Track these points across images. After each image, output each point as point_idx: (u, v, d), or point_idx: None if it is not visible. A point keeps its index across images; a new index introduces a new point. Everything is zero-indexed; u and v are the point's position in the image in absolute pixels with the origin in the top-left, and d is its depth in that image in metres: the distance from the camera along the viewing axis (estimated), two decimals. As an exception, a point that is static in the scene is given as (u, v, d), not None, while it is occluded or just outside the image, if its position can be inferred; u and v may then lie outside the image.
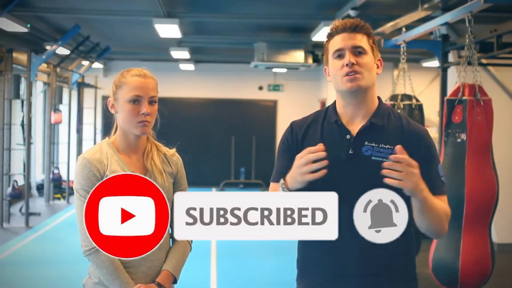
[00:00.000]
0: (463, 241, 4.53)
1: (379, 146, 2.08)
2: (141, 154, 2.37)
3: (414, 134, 2.12)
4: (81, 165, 2.28)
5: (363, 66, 2.08)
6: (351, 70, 2.07)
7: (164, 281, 2.32)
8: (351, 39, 2.10)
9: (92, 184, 2.25)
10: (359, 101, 2.13)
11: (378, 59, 2.17)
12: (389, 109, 2.21)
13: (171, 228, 2.44)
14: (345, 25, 2.12)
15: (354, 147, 2.10)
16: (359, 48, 2.09)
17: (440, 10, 6.33)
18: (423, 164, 2.05)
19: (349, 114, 2.16)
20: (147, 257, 2.30)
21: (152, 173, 2.34)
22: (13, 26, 8.11)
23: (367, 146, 2.09)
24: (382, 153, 2.07)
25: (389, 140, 2.09)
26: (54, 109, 11.17)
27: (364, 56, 2.09)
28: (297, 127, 2.22)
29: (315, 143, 2.06)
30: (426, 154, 2.10)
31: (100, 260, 2.23)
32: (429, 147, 2.13)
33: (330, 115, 2.18)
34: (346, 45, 2.09)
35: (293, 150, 2.17)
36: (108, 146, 2.34)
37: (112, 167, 2.29)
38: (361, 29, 2.12)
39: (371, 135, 2.11)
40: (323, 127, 2.18)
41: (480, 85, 4.63)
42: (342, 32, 2.11)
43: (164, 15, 7.89)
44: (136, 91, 2.27)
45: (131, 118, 2.28)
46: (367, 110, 2.15)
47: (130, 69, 2.34)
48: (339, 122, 2.15)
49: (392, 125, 2.14)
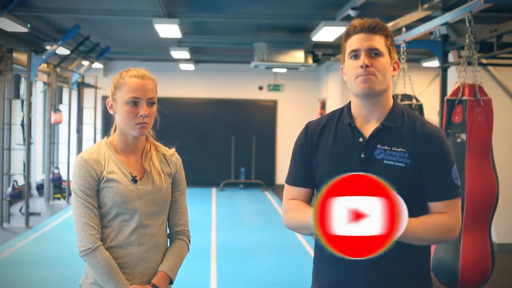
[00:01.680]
0: (463, 241, 4.52)
1: (392, 149, 2.06)
2: (139, 154, 2.37)
3: (426, 135, 2.07)
4: (79, 165, 2.27)
5: (378, 69, 2.04)
6: (365, 72, 2.03)
7: (160, 282, 2.31)
8: (367, 40, 2.05)
9: (89, 185, 2.25)
10: (372, 103, 2.10)
11: (395, 62, 2.13)
12: (404, 109, 2.16)
13: (169, 228, 2.45)
14: (363, 25, 2.07)
15: (366, 150, 2.07)
16: (375, 50, 2.05)
17: (440, 10, 6.33)
18: (434, 166, 2.04)
19: (363, 116, 2.12)
20: (143, 257, 2.30)
21: (150, 174, 2.33)
22: (13, 26, 8.11)
23: (380, 149, 2.06)
24: (394, 157, 2.05)
25: (401, 142, 2.06)
26: (54, 109, 11.17)
27: (380, 58, 2.05)
28: (312, 128, 2.20)
29: (328, 145, 2.09)
30: (436, 156, 2.05)
31: (95, 261, 2.22)
32: (440, 148, 2.07)
33: (345, 117, 2.15)
34: (362, 46, 2.05)
35: (308, 152, 2.16)
36: (106, 146, 2.33)
37: (110, 167, 2.28)
38: (379, 30, 2.07)
39: (383, 138, 2.08)
40: (337, 128, 2.15)
41: (480, 85, 4.63)
42: (360, 32, 2.07)
43: (164, 15, 7.89)
44: (134, 93, 2.26)
45: (129, 119, 2.27)
46: (381, 112, 2.11)
47: (129, 69, 2.33)
48: (352, 125, 2.12)
49: (405, 127, 2.09)
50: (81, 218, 2.24)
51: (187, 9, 8.20)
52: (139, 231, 2.29)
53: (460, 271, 4.53)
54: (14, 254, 7.20)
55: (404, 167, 2.03)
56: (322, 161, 2.13)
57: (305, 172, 2.17)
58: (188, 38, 10.33)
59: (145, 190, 2.30)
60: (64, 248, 7.48)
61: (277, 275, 6.45)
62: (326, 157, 2.12)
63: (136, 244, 2.29)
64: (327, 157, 2.12)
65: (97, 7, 8.13)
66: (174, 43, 10.87)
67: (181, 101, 14.69)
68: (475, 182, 4.52)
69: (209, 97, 14.85)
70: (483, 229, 4.59)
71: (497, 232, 7.56)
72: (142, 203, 2.29)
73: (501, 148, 6.67)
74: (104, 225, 2.28)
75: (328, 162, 2.11)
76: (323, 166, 2.12)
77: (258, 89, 14.98)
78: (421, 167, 2.04)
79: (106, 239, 2.27)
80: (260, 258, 7.29)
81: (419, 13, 6.48)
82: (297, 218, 2.12)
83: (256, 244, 8.04)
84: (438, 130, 2.11)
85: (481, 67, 6.39)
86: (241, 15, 8.53)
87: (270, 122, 15.04)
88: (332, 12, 7.76)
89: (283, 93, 15.02)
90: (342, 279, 2.08)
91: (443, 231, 2.04)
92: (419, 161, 2.04)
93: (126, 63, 12.74)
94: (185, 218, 2.45)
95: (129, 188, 2.28)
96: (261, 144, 14.78)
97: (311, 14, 8.21)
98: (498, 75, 7.74)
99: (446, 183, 2.05)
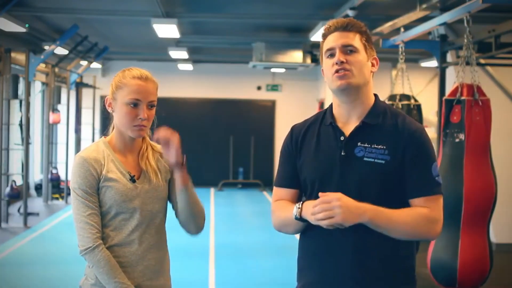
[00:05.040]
0: (461, 241, 4.53)
1: (372, 147, 2.07)
2: (136, 154, 2.36)
3: (407, 132, 2.08)
4: (78, 164, 2.27)
5: (353, 64, 2.07)
6: (340, 68, 2.07)
7: None
8: (342, 37, 2.10)
9: (89, 183, 2.24)
10: (351, 100, 2.12)
11: (373, 58, 2.16)
12: (386, 107, 2.17)
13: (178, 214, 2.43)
14: (337, 24, 2.12)
15: (346, 148, 2.09)
16: (349, 46, 2.09)
17: (438, 10, 6.33)
18: (414, 162, 2.05)
19: (344, 114, 2.15)
20: (144, 256, 2.30)
21: (147, 173, 2.33)
22: (11, 26, 8.11)
23: (360, 147, 2.08)
24: (374, 154, 2.06)
25: (382, 139, 2.08)
26: (52, 109, 11.16)
27: (355, 55, 2.09)
28: (296, 130, 2.24)
29: (312, 146, 2.14)
30: (417, 152, 2.06)
31: (96, 260, 2.22)
32: (421, 145, 2.08)
33: (327, 117, 2.18)
34: (337, 44, 2.09)
35: (293, 154, 2.20)
36: (105, 145, 2.33)
37: (109, 166, 2.28)
38: (352, 27, 2.11)
39: (364, 135, 2.09)
40: (320, 129, 2.18)
41: (479, 85, 4.63)
42: (334, 31, 2.12)
43: (162, 15, 7.88)
44: (135, 95, 2.24)
45: (127, 121, 2.26)
46: (361, 109, 2.13)
47: (131, 68, 2.31)
48: (334, 124, 2.14)
49: (386, 124, 2.11)
50: (81, 217, 2.24)
51: (185, 9, 8.20)
52: (139, 230, 2.29)
53: (458, 271, 4.53)
54: (12, 254, 7.19)
55: (384, 163, 2.05)
56: (306, 162, 2.16)
57: (290, 173, 2.21)
58: (186, 38, 10.33)
59: (143, 189, 2.31)
60: (62, 248, 7.47)
61: (275, 275, 6.45)
62: (310, 157, 2.15)
63: (136, 243, 2.29)
64: (311, 157, 2.15)
65: (95, 7, 8.13)
66: (173, 43, 10.87)
67: (179, 101, 14.69)
68: (473, 182, 4.52)
69: (207, 97, 14.85)
70: (481, 229, 4.59)
71: (495, 232, 7.57)
72: (141, 202, 2.29)
73: (499, 148, 6.67)
74: (104, 224, 2.28)
75: (311, 162, 2.14)
76: (307, 166, 2.15)
77: (256, 89, 14.98)
78: (401, 163, 2.05)
79: (107, 238, 2.27)
80: (258, 258, 7.29)
81: (418, 13, 6.48)
82: (282, 215, 2.16)
83: (254, 244, 8.04)
84: (419, 127, 2.12)
85: (479, 67, 6.38)
86: (239, 15, 8.53)
87: (268, 122, 15.04)
88: (331, 12, 7.76)
89: (281, 93, 15.02)
90: (326, 275, 2.10)
91: (423, 224, 2.03)
92: (400, 157, 2.05)
93: (125, 63, 12.73)
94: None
95: (128, 187, 2.28)
96: (260, 144, 14.78)
97: (310, 14, 8.21)
98: (496, 75, 7.75)
99: (426, 179, 2.06)
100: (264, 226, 9.48)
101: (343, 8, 7.25)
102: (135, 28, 9.68)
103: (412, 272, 2.15)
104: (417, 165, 2.05)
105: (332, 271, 2.09)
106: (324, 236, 2.06)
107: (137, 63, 12.70)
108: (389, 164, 2.05)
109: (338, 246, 2.06)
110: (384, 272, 2.07)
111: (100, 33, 10.32)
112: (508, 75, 7.78)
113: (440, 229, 2.07)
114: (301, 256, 2.21)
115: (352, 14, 6.78)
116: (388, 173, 2.05)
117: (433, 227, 2.04)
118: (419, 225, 2.02)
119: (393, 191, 2.06)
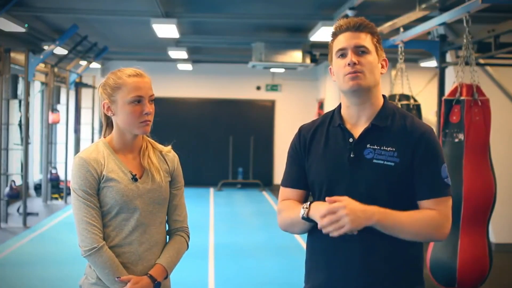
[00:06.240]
0: (460, 241, 4.53)
1: (381, 149, 2.06)
2: (137, 153, 2.37)
3: (416, 134, 2.07)
4: (78, 164, 2.27)
5: (365, 66, 2.06)
6: (352, 70, 2.05)
7: (157, 274, 2.31)
8: (354, 38, 2.07)
9: (90, 184, 2.25)
10: (362, 101, 2.11)
11: (383, 59, 2.15)
12: (395, 108, 2.16)
13: (168, 224, 2.45)
14: (348, 24, 2.09)
15: (356, 150, 2.08)
16: (362, 47, 2.07)
17: (438, 10, 6.34)
18: (423, 164, 2.04)
19: (353, 116, 2.13)
20: (144, 256, 2.31)
21: (150, 171, 2.33)
22: (11, 26, 8.10)
23: (369, 149, 2.07)
24: (384, 156, 2.05)
25: (391, 141, 2.07)
26: (52, 109, 11.15)
27: (367, 56, 2.07)
28: (305, 131, 2.22)
29: (320, 147, 2.12)
30: (426, 154, 2.05)
31: (100, 261, 2.22)
32: (430, 147, 2.06)
33: (335, 118, 2.17)
34: (349, 44, 2.07)
35: (301, 155, 2.19)
36: (104, 146, 2.33)
37: (109, 166, 2.28)
38: (364, 28, 2.09)
39: (373, 137, 2.08)
40: (328, 131, 2.16)
41: (478, 85, 4.63)
42: (346, 31, 2.09)
43: (162, 15, 7.88)
44: (137, 92, 2.26)
45: (133, 119, 2.27)
46: (370, 111, 2.12)
47: (121, 69, 2.32)
48: (342, 126, 2.13)
49: (395, 126, 2.10)
50: (83, 218, 2.24)
51: (185, 9, 8.20)
52: (139, 230, 2.30)
53: (457, 271, 4.53)
54: (11, 254, 7.19)
55: (394, 166, 2.04)
56: (314, 163, 2.14)
57: (298, 174, 2.19)
58: (186, 38, 10.33)
59: (145, 188, 2.31)
60: (62, 248, 7.47)
61: (275, 275, 6.45)
62: (318, 159, 2.14)
63: (136, 243, 2.29)
64: (319, 159, 2.13)
65: (95, 7, 8.13)
66: (172, 43, 10.87)
67: (178, 101, 14.69)
68: (473, 182, 4.52)
69: (207, 97, 14.84)
70: (481, 229, 4.59)
71: (495, 232, 7.57)
72: (142, 202, 2.30)
73: (498, 148, 6.68)
74: (104, 224, 2.28)
75: (319, 164, 2.13)
76: (315, 168, 2.14)
77: (256, 89, 14.98)
78: (410, 165, 2.04)
79: (107, 238, 2.27)
80: (258, 258, 7.29)
81: (417, 13, 6.48)
82: (289, 215, 2.14)
83: (254, 244, 8.04)
84: (428, 128, 2.11)
85: (479, 67, 6.38)
86: (239, 15, 8.53)
87: (268, 122, 15.04)
88: (330, 12, 7.76)
89: (281, 93, 15.02)
90: (334, 278, 2.09)
91: (431, 226, 2.03)
92: (409, 159, 2.04)
93: (124, 63, 12.72)
94: (184, 214, 2.45)
95: (129, 187, 2.28)
96: (259, 144, 14.78)
97: (309, 14, 8.21)
98: (496, 75, 7.75)
99: (435, 181, 2.05)
100: (264, 226, 9.48)
101: (342, 8, 7.25)
102: (135, 28, 9.68)
103: (420, 273, 2.14)
104: (426, 166, 2.04)
105: (339, 273, 2.08)
106: (331, 238, 2.03)
107: (136, 63, 12.62)
108: (399, 166, 2.04)
109: (346, 248, 2.05)
110: (392, 274, 2.06)
111: (100, 33, 10.32)
112: (508, 75, 7.78)
113: (448, 230, 2.06)
114: (309, 258, 2.20)
115: (352, 14, 6.77)
116: (397, 175, 2.04)
117: (441, 229, 2.04)
118: (427, 227, 2.02)
119: (402, 193, 2.05)
